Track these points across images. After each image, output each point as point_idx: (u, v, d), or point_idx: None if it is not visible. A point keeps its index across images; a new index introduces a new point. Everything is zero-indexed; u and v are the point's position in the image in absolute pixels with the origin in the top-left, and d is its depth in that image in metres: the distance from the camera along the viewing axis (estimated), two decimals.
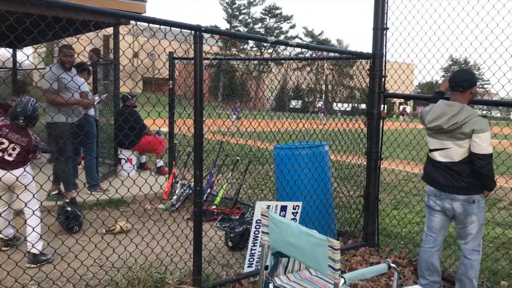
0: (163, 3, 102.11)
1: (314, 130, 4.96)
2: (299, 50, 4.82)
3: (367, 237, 4.95)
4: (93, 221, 4.81)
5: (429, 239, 3.69)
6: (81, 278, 3.68)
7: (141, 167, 8.56)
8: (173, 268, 3.93)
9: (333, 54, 5.34)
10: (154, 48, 3.60)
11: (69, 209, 5.09)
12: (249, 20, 67.13)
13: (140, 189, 3.66)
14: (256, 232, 3.94)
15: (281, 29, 68.11)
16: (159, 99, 3.91)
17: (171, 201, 6.26)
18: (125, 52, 3.73)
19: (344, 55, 5.17)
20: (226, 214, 5.82)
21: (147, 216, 5.35)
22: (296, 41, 4.53)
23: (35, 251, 4.17)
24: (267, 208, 3.88)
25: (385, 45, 4.70)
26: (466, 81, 3.36)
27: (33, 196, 4.18)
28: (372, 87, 4.76)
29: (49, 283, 3.74)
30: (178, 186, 6.50)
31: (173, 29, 3.34)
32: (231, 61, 8.06)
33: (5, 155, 4.14)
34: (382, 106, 4.81)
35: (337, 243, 2.29)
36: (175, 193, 6.40)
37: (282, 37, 64.42)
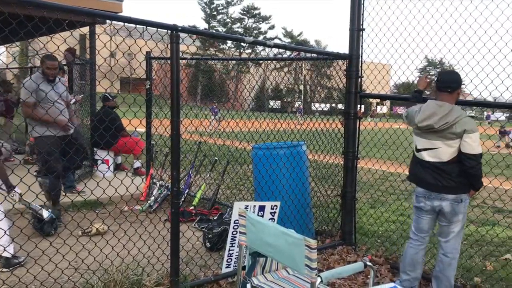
0: (141, 2, 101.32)
1: (292, 130, 4.99)
2: (277, 50, 4.82)
3: (345, 236, 5.00)
4: (68, 223, 4.73)
5: (417, 238, 3.72)
6: (56, 281, 3.61)
7: (117, 168, 8.46)
8: (150, 269, 3.89)
9: (310, 54, 5.37)
10: (129, 47, 3.56)
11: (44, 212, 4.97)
12: (228, 20, 67.06)
13: (116, 190, 3.62)
14: (234, 232, 3.93)
15: (259, 29, 68.26)
16: (134, 99, 3.87)
17: (148, 203, 6.20)
18: (102, 51, 3.67)
19: (321, 55, 5.21)
20: (204, 214, 5.79)
21: (123, 217, 5.29)
22: (275, 41, 4.54)
23: (7, 255, 4.07)
24: (245, 208, 3.88)
25: (361, 46, 4.75)
26: (454, 82, 3.41)
27: None
28: (348, 88, 4.80)
29: (22, 287, 3.66)
30: (155, 187, 6.44)
31: (150, 28, 3.31)
32: (209, 61, 8.04)
33: None
34: (358, 106, 4.86)
35: (313, 242, 2.31)
36: (153, 194, 6.34)
37: (261, 38, 64.56)
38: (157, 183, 6.46)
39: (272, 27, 69.83)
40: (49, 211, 4.95)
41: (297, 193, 4.76)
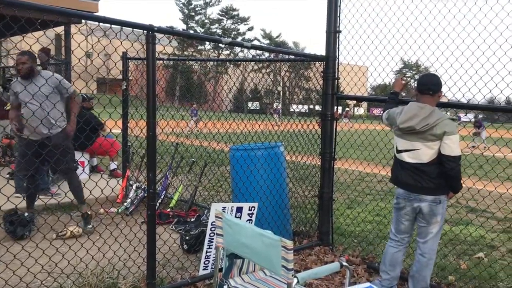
0: (119, 2, 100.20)
1: (269, 131, 4.99)
2: (256, 51, 4.82)
3: (322, 236, 5.02)
4: (41, 226, 4.63)
5: (397, 240, 3.76)
6: (28, 286, 3.53)
7: (93, 170, 8.33)
8: (126, 272, 3.84)
9: (288, 56, 5.39)
10: (104, 48, 3.51)
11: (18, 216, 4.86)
12: (206, 21, 66.87)
13: (90, 192, 3.56)
14: (211, 234, 3.91)
15: (238, 30, 68.30)
16: (110, 100, 3.82)
17: (124, 205, 6.12)
18: (77, 52, 3.61)
19: (298, 57, 5.23)
20: (181, 216, 5.75)
21: (98, 220, 5.21)
22: (253, 43, 4.54)
23: None
24: (223, 210, 3.87)
25: (338, 48, 4.79)
26: (435, 85, 3.45)
27: None
28: (325, 89, 4.84)
29: None
30: (132, 189, 6.37)
31: (126, 28, 3.27)
32: (187, 61, 7.99)
33: None
34: (336, 107, 4.89)
35: (290, 243, 2.31)
36: (129, 196, 6.26)
37: (239, 39, 64.52)
38: (134, 185, 6.39)
39: (250, 28, 69.90)
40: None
41: (274, 194, 4.77)
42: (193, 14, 66.24)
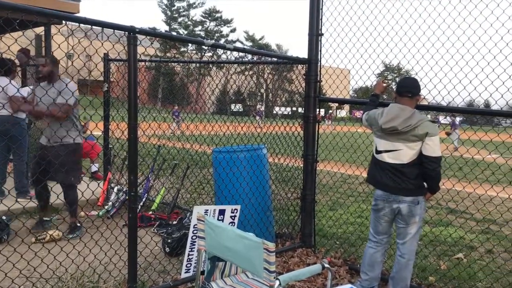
0: (102, 3, 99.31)
1: (252, 133, 4.99)
2: (239, 54, 4.82)
3: (304, 238, 5.04)
4: (19, 230, 4.54)
5: (376, 241, 3.79)
6: None
7: None
8: (107, 276, 3.79)
9: (270, 58, 5.40)
10: (85, 49, 3.47)
11: None
12: (189, 22, 66.62)
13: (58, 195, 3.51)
14: (193, 237, 3.89)
15: (221, 32, 68.18)
16: (90, 101, 3.77)
17: (105, 208, 6.05)
18: (58, 53, 3.55)
19: (281, 60, 5.25)
20: (163, 219, 5.70)
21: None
22: (236, 45, 4.53)
23: None
24: (205, 212, 3.85)
25: (320, 51, 4.82)
26: (415, 88, 3.51)
27: None
28: (307, 92, 4.86)
29: None
30: (113, 192, 6.30)
31: (107, 30, 3.24)
32: (170, 63, 7.94)
33: None
34: (318, 110, 4.92)
35: (272, 245, 2.31)
36: (110, 199, 6.19)
37: (222, 41, 64.48)
38: (115, 187, 6.32)
39: (233, 30, 70.08)
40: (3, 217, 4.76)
41: (257, 196, 4.77)
42: (176, 15, 65.94)
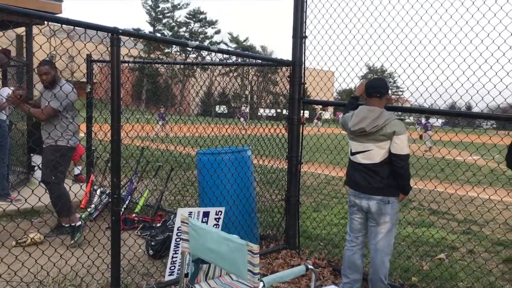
0: (85, 3, 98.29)
1: (237, 135, 4.99)
2: (223, 55, 4.81)
3: (289, 240, 5.05)
4: (0, 233, 4.47)
5: (352, 239, 3.84)
6: None
7: None
8: (89, 279, 3.75)
9: (255, 60, 5.40)
10: (68, 50, 3.43)
11: None
12: (174, 24, 66.32)
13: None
14: (177, 239, 3.87)
15: (206, 33, 67.98)
16: (73, 103, 3.73)
17: (88, 210, 5.98)
18: (40, 53, 3.51)
19: (265, 62, 5.26)
20: (147, 222, 5.66)
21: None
22: (220, 46, 4.53)
23: None
24: (189, 214, 3.83)
25: (304, 53, 4.84)
26: (383, 88, 3.59)
27: None
28: (292, 94, 4.88)
29: None
30: (96, 194, 6.23)
31: (90, 30, 3.20)
32: (154, 64, 7.90)
33: None
34: (302, 111, 4.94)
35: (255, 247, 2.31)
36: (93, 201, 6.12)
37: (207, 42, 64.30)
38: (98, 190, 6.26)
39: (218, 32, 69.65)
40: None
41: (242, 198, 4.77)
42: (161, 16, 65.59)
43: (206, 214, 4.00)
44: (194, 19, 67.21)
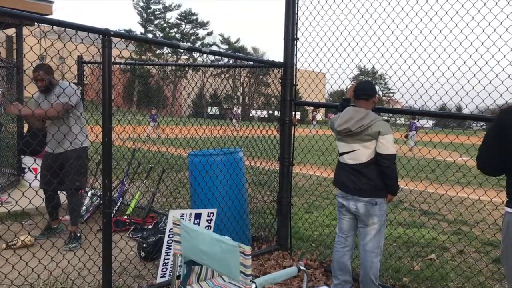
0: (76, 4, 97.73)
1: (229, 137, 4.99)
2: (215, 57, 4.82)
3: (280, 241, 5.06)
4: None
5: (340, 240, 3.86)
6: None
7: None
8: (81, 282, 3.73)
9: (246, 62, 5.41)
10: (58, 51, 3.41)
11: None
12: (165, 25, 66.17)
13: (43, 200, 3.44)
14: (169, 241, 3.86)
15: (197, 35, 67.95)
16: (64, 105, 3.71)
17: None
18: (30, 55, 3.49)
19: (257, 63, 5.27)
20: (138, 224, 5.64)
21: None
22: (212, 48, 4.53)
23: None
24: (181, 216, 3.83)
25: (296, 55, 4.86)
26: (370, 90, 3.65)
27: None
28: (283, 95, 4.89)
29: None
30: (87, 196, 6.19)
31: (81, 32, 3.19)
32: (145, 66, 7.87)
33: None
34: (294, 113, 4.96)
35: (247, 249, 2.31)
36: (84, 203, 6.09)
37: (198, 43, 64.25)
38: (89, 192, 6.22)
39: (209, 33, 69.62)
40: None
41: (233, 199, 4.77)
42: (152, 18, 65.44)
43: (198, 215, 4.00)
44: (185, 21, 67.15)
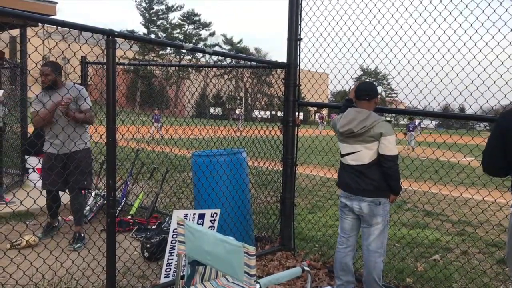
0: (80, 4, 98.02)
1: (232, 137, 5.00)
2: (217, 57, 4.82)
3: (284, 241, 5.06)
4: None
5: (342, 240, 3.86)
6: None
7: None
8: (85, 282, 3.74)
9: (250, 62, 5.41)
10: (63, 52, 3.42)
11: None
12: (168, 25, 66.26)
13: (46, 200, 3.45)
14: (173, 241, 3.87)
15: (200, 35, 68.01)
16: (67, 105, 3.72)
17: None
18: (34, 55, 3.49)
19: (260, 64, 5.27)
20: (142, 224, 5.65)
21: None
22: (215, 48, 4.54)
23: None
24: (185, 217, 3.84)
25: (299, 55, 4.86)
26: (372, 91, 3.65)
27: None
28: (287, 96, 4.89)
29: None
30: (90, 196, 6.21)
31: (85, 32, 3.20)
32: (149, 66, 7.89)
33: None
34: (297, 113, 4.96)
35: (252, 249, 2.32)
36: (88, 203, 6.11)
37: (201, 44, 64.29)
38: (93, 192, 6.24)
39: (212, 34, 69.63)
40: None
41: (237, 200, 4.77)
42: (155, 18, 65.53)
43: (201, 216, 4.00)
44: (188, 21, 67.22)
